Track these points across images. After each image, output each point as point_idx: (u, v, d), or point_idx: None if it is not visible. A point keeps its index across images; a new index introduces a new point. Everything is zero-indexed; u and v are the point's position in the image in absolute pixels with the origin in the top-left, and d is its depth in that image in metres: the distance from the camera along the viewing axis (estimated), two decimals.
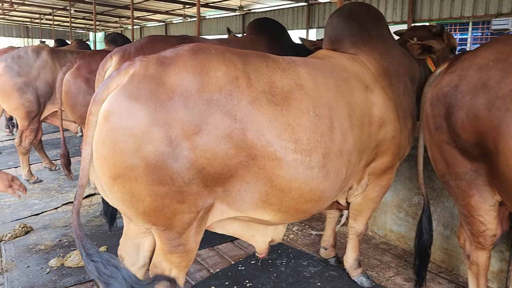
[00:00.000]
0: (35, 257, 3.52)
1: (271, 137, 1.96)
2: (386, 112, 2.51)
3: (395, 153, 2.64)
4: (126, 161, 1.76)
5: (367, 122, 2.41)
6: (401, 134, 2.61)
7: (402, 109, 2.63)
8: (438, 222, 3.35)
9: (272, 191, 2.05)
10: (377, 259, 3.51)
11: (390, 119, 2.53)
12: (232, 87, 1.91)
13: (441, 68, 2.52)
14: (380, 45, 2.72)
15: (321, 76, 2.26)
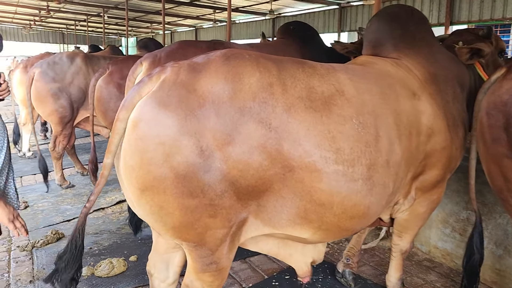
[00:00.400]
0: None
1: (310, 147, 1.80)
2: (435, 121, 2.31)
3: (446, 165, 2.43)
4: (155, 172, 1.68)
5: (415, 132, 2.22)
6: (452, 144, 2.40)
7: (452, 118, 2.42)
8: (490, 239, 3.10)
9: (311, 206, 1.89)
10: (420, 277, 3.28)
11: (440, 128, 2.32)
12: (266, 94, 1.79)
13: (498, 74, 2.31)
14: (426, 49, 2.53)
15: (363, 82, 2.09)
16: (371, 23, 2.68)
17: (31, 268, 3.52)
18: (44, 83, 5.16)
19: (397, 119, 2.11)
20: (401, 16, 2.60)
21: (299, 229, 1.95)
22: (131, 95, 1.77)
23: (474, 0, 9.40)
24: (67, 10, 16.10)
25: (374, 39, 2.59)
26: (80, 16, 17.94)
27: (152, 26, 20.47)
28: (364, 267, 3.45)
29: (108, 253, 3.68)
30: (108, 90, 4.54)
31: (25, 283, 3.24)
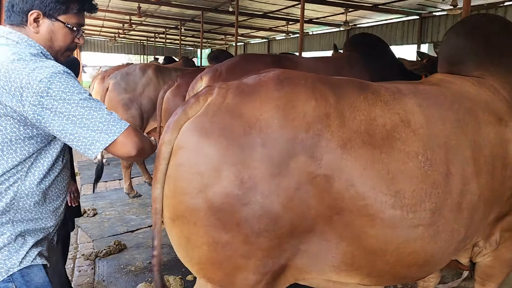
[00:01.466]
0: (124, 279, 3.46)
1: (364, 188, 1.59)
2: None
3: None
4: (187, 202, 1.55)
5: (500, 165, 1.88)
6: None
7: None
8: None
9: (360, 253, 1.67)
10: None
11: None
12: (321, 126, 1.59)
13: None
14: None
15: (436, 108, 1.81)
16: (448, 36, 2.36)
17: (92, 278, 3.54)
18: (116, 94, 5.32)
19: (476, 151, 1.81)
20: (485, 27, 2.26)
21: (344, 275, 1.74)
22: (177, 116, 1.64)
23: None
24: (147, 23, 16.94)
25: (452, 54, 2.28)
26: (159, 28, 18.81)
27: (226, 38, 20.91)
28: None
29: (167, 269, 3.59)
30: (174, 102, 4.54)
31: None
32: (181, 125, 1.63)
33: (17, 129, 1.46)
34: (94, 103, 1.48)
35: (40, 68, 1.42)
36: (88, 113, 1.44)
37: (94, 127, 1.45)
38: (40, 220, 1.62)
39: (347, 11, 11.39)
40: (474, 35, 2.24)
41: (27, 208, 1.56)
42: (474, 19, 2.37)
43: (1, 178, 1.49)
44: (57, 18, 1.58)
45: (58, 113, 1.41)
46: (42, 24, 1.57)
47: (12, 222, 1.54)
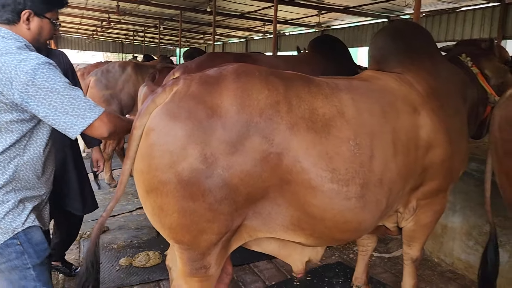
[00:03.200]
0: (107, 255, 3.82)
1: (307, 165, 1.91)
2: (435, 135, 2.37)
3: (446, 177, 2.49)
4: (160, 176, 1.81)
5: (413, 147, 2.29)
6: (453, 157, 2.45)
7: (454, 131, 2.47)
8: (511, 254, 3.10)
9: (304, 217, 1.99)
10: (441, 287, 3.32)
11: (439, 142, 2.38)
12: (272, 111, 1.89)
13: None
14: (428, 64, 2.59)
15: (365, 101, 2.19)
16: (375, 39, 2.77)
17: (78, 255, 3.90)
18: (98, 90, 5.65)
19: (395, 137, 2.19)
20: (406, 31, 2.69)
21: (291, 234, 2.06)
22: (147, 104, 1.91)
23: None
24: (126, 21, 17.04)
25: (379, 54, 2.68)
26: (138, 27, 18.92)
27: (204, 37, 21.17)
28: (386, 274, 3.53)
29: (146, 246, 3.99)
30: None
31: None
32: (150, 112, 1.87)
33: (11, 113, 1.79)
34: (73, 91, 1.75)
35: (26, 60, 1.69)
36: (67, 100, 1.73)
37: (73, 112, 1.74)
38: (36, 188, 1.97)
39: (320, 13, 11.89)
40: (396, 38, 2.67)
41: (26, 178, 1.92)
42: (396, 25, 2.81)
43: (3, 154, 1.83)
44: (44, 15, 1.92)
45: (42, 99, 1.70)
46: (33, 22, 1.89)
47: (15, 190, 1.88)
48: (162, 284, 3.34)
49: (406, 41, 2.64)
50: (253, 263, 3.67)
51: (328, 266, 3.65)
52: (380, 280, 3.41)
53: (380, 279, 3.42)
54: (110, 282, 3.34)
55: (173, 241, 1.95)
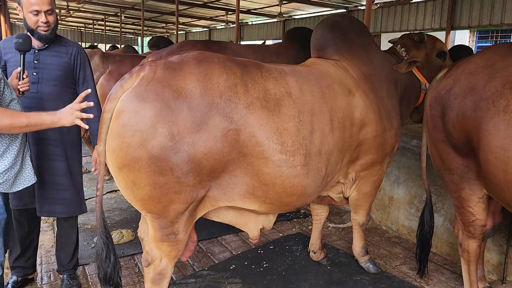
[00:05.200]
0: (82, 235, 4.00)
1: (261, 139, 2.19)
2: (367, 114, 2.73)
3: (380, 151, 2.86)
4: (132, 153, 1.99)
5: (349, 124, 2.63)
6: (385, 133, 2.83)
7: (385, 110, 2.85)
8: (445, 217, 3.56)
9: (258, 185, 2.26)
10: (387, 250, 3.76)
11: (371, 120, 2.74)
12: (231, 93, 2.14)
13: (441, 73, 2.77)
14: (362, 52, 2.95)
15: (307, 84, 2.49)
16: (316, 30, 3.11)
17: (53, 236, 4.08)
18: None
19: (332, 114, 2.53)
20: (342, 24, 3.04)
21: (248, 202, 2.35)
22: (115, 89, 2.08)
23: (474, 7, 9.72)
24: (85, 9, 16.72)
25: (319, 44, 3.02)
26: (98, 15, 18.56)
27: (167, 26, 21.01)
28: (340, 241, 3.93)
29: (119, 225, 4.22)
30: (109, 87, 5.06)
31: (48, 247, 3.79)
32: (119, 96, 2.03)
33: None
34: None
35: None
36: None
37: None
38: None
39: (281, 3, 12.19)
40: (334, 30, 3.01)
41: None
42: (334, 18, 3.14)
43: None
44: None
45: None
46: None
47: None
48: (136, 257, 3.59)
49: (343, 33, 2.99)
50: (221, 236, 3.98)
51: (288, 237, 4.01)
52: (334, 246, 3.80)
53: (335, 246, 3.81)
54: (87, 258, 3.55)
55: (145, 211, 2.15)
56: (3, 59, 2.75)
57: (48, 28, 2.64)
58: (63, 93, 2.78)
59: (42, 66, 2.71)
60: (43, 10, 2.58)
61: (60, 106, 2.70)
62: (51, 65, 2.74)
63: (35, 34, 2.64)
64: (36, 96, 2.70)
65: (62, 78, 2.77)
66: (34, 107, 2.64)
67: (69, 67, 2.80)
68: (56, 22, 2.72)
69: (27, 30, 2.67)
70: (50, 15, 2.63)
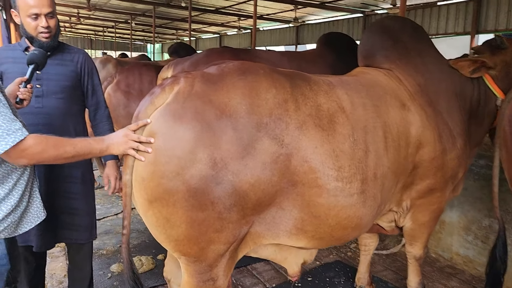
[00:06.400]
0: (97, 262, 3.64)
1: (315, 164, 1.86)
2: (424, 132, 2.33)
3: (439, 175, 2.44)
4: (166, 184, 1.67)
5: (404, 143, 2.26)
6: (444, 155, 2.41)
7: (445, 128, 2.44)
8: None
9: (308, 218, 1.93)
10: (442, 283, 3.32)
11: (428, 139, 2.34)
12: (281, 110, 1.81)
13: None
14: (417, 59, 2.55)
15: (357, 96, 2.15)
16: (364, 35, 2.73)
17: (65, 263, 3.70)
18: None
19: (386, 131, 2.16)
20: (394, 27, 2.64)
21: (294, 239, 2.00)
22: (144, 106, 1.76)
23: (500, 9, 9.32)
24: (96, 17, 16.62)
25: (366, 50, 2.64)
26: (108, 22, 18.47)
27: (177, 33, 20.88)
28: (386, 272, 3.51)
29: (138, 251, 3.83)
30: (116, 98, 4.73)
31: (60, 277, 3.42)
32: (149, 114, 1.72)
33: None
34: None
35: None
36: None
37: None
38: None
39: (296, 8, 11.90)
40: (384, 34, 2.62)
41: None
42: (385, 21, 2.76)
43: None
44: None
45: None
46: None
47: None
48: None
49: (394, 37, 2.59)
50: (251, 265, 3.57)
51: (327, 266, 3.59)
52: (381, 278, 3.38)
53: (381, 277, 3.39)
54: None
55: (179, 254, 1.83)
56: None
57: (49, 35, 2.28)
58: (71, 107, 2.45)
59: (46, 77, 2.36)
60: (43, 13, 2.23)
61: (69, 122, 2.42)
62: (57, 75, 2.39)
63: (35, 42, 2.29)
64: (42, 111, 2.36)
65: (69, 89, 2.43)
66: (41, 123, 2.33)
67: (76, 76, 2.46)
68: (58, 27, 2.37)
69: (26, 37, 2.32)
70: (51, 19, 2.28)
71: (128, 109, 4.88)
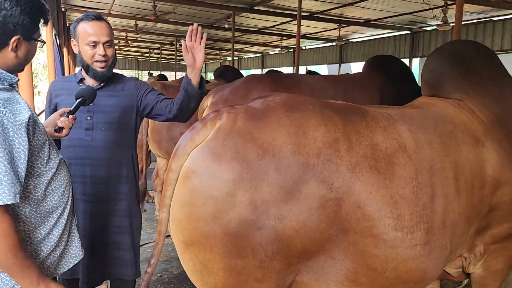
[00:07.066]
0: None
1: (370, 211, 1.68)
2: (503, 170, 2.06)
3: None
4: (202, 228, 1.58)
5: (479, 184, 2.00)
6: None
7: None
8: None
9: (363, 270, 1.74)
10: None
11: (508, 178, 2.07)
12: (331, 151, 1.66)
13: None
14: (493, 88, 2.28)
15: (422, 132, 1.92)
16: (429, 61, 2.47)
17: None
18: None
19: (457, 172, 1.92)
20: (464, 52, 2.38)
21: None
22: (184, 142, 1.69)
23: None
24: (143, 39, 17.18)
25: (433, 78, 2.39)
26: (154, 44, 19.05)
27: (220, 53, 21.21)
28: None
29: (178, 282, 3.71)
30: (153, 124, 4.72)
31: None
32: (189, 151, 1.66)
33: None
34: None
35: None
36: None
37: None
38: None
39: (340, 27, 11.71)
40: (452, 60, 2.36)
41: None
42: (452, 45, 2.49)
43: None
44: (32, 37, 1.62)
45: None
46: (21, 48, 1.59)
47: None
48: None
49: (465, 63, 2.34)
50: None
51: None
52: None
53: None
54: None
55: None
56: (54, 102, 2.39)
57: (105, 64, 2.27)
58: (120, 138, 2.38)
59: (97, 109, 2.32)
60: (101, 42, 2.23)
61: (117, 154, 2.36)
62: (107, 107, 2.34)
63: (90, 72, 2.29)
64: (91, 144, 2.31)
65: (119, 120, 2.36)
66: (89, 157, 2.30)
67: (129, 105, 2.38)
68: (114, 57, 2.35)
69: (82, 66, 2.31)
70: (109, 48, 2.27)
71: (171, 133, 4.86)
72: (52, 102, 2.38)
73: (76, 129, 2.24)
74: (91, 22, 2.23)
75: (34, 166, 1.57)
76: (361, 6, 9.27)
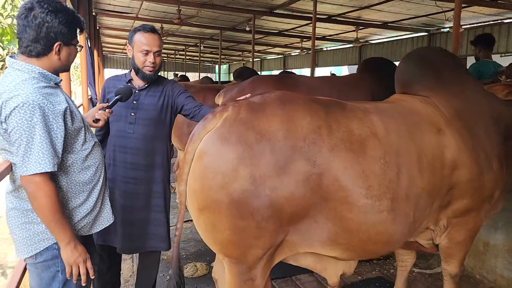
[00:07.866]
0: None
1: (345, 183, 2.07)
2: (460, 155, 2.46)
3: (475, 196, 2.55)
4: (213, 196, 1.96)
5: (439, 166, 2.40)
6: (481, 176, 2.52)
7: (482, 151, 2.55)
8: None
9: (341, 231, 2.13)
10: None
11: (465, 161, 2.46)
12: (315, 135, 2.06)
13: None
14: (454, 87, 2.69)
15: (392, 122, 2.33)
16: (401, 64, 2.89)
17: (131, 265, 4.17)
18: None
19: (421, 155, 2.32)
20: (430, 58, 2.79)
21: (328, 249, 2.20)
22: (198, 130, 2.09)
23: None
24: (168, 41, 17.73)
25: (404, 79, 2.81)
26: (179, 46, 19.62)
27: (243, 54, 21.64)
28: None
29: (194, 258, 4.22)
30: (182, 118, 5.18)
31: (126, 277, 3.88)
32: (202, 137, 2.05)
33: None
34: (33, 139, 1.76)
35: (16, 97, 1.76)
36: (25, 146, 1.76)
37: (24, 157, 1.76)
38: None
39: (357, 29, 11.99)
40: (421, 65, 2.79)
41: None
42: (420, 51, 2.90)
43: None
44: (71, 43, 2.03)
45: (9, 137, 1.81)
46: (62, 51, 1.99)
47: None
48: None
49: (431, 67, 2.76)
50: (295, 275, 3.80)
51: (368, 281, 3.73)
52: None
53: None
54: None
55: (223, 255, 2.11)
56: (106, 97, 2.83)
57: (153, 69, 2.69)
58: (157, 132, 2.80)
59: (140, 106, 2.74)
60: (152, 51, 2.65)
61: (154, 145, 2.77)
62: (148, 105, 2.76)
63: (140, 74, 2.71)
64: (133, 136, 2.74)
65: (157, 118, 2.78)
66: (131, 146, 2.73)
67: (164, 104, 2.79)
68: (161, 64, 2.77)
69: (133, 68, 2.74)
70: (158, 57, 2.69)
71: (190, 129, 5.33)
72: (105, 96, 2.83)
73: (122, 122, 2.71)
74: (146, 34, 2.65)
75: (73, 146, 1.97)
76: (377, 9, 9.56)
